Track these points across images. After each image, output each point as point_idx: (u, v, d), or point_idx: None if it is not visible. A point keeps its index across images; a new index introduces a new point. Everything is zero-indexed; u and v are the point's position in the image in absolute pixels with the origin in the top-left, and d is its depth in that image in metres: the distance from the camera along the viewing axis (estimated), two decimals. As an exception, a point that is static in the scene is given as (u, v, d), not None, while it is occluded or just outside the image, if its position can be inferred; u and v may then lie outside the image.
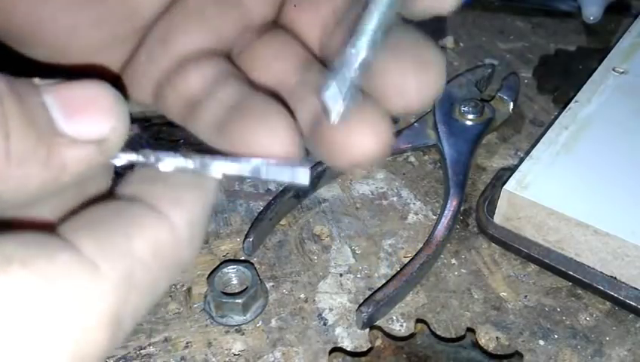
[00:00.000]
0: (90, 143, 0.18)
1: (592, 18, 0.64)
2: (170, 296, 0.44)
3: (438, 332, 0.42)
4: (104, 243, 0.17)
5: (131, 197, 0.19)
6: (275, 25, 0.26)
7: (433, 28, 0.33)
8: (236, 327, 0.42)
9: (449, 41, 0.67)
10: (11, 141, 0.16)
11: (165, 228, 0.18)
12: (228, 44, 0.25)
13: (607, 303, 0.43)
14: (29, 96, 0.17)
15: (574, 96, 0.51)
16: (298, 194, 0.50)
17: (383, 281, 0.44)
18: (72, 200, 0.20)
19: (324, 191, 0.51)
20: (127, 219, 0.18)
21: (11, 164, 0.16)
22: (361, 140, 0.21)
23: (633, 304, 0.42)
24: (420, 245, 0.46)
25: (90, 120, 0.18)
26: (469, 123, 0.53)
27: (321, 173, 0.50)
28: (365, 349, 0.41)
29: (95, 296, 0.16)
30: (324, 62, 0.24)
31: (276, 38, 0.26)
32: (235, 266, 0.44)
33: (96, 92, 0.18)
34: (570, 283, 0.45)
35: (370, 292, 0.43)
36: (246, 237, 0.46)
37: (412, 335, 0.40)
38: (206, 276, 0.44)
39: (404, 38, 0.22)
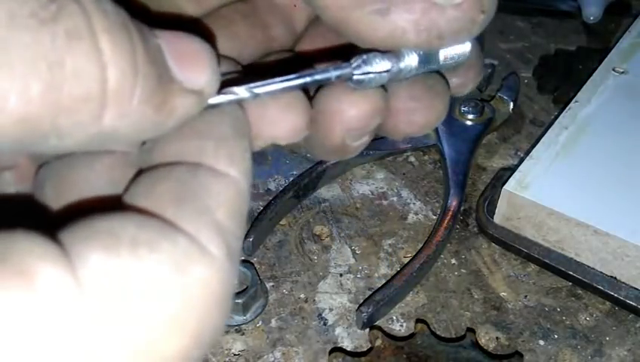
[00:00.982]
0: (193, 93, 0.18)
1: (592, 18, 0.64)
2: (170, 296, 0.44)
3: (438, 332, 0.42)
4: (198, 221, 0.17)
5: (180, 157, 0.18)
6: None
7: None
8: (236, 327, 0.42)
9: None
10: (138, 78, 0.16)
11: (232, 188, 0.18)
12: (246, 61, 0.26)
13: (607, 303, 0.43)
14: (149, 37, 0.17)
15: (574, 96, 0.51)
16: (298, 194, 0.49)
17: (383, 281, 0.44)
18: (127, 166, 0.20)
19: (324, 191, 0.51)
20: (200, 190, 0.17)
21: (134, 100, 0.16)
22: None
23: (633, 304, 0.42)
24: (420, 245, 0.46)
25: (196, 70, 0.18)
26: (469, 123, 0.53)
27: (321, 173, 0.50)
28: (365, 349, 0.41)
29: (212, 278, 0.16)
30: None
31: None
32: (235, 266, 0.44)
33: (200, 44, 0.18)
34: (570, 283, 0.45)
35: (370, 292, 0.43)
36: (246, 237, 0.46)
37: (412, 335, 0.40)
38: (206, 276, 0.44)
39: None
